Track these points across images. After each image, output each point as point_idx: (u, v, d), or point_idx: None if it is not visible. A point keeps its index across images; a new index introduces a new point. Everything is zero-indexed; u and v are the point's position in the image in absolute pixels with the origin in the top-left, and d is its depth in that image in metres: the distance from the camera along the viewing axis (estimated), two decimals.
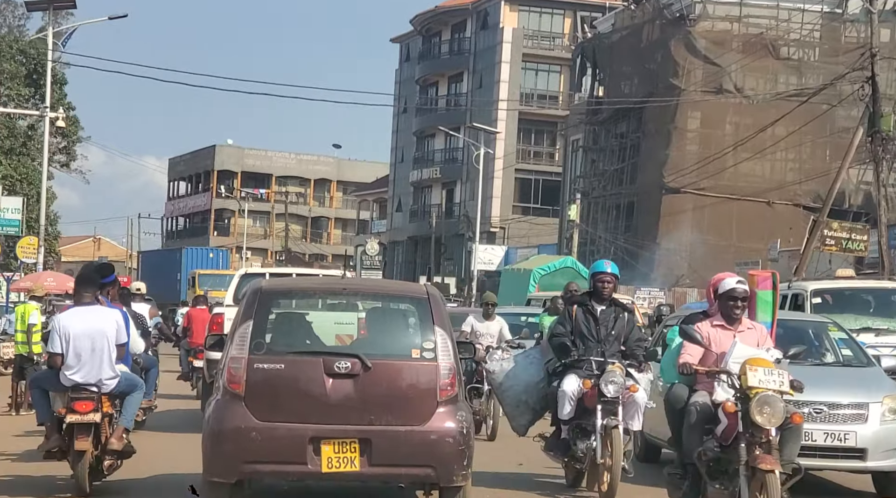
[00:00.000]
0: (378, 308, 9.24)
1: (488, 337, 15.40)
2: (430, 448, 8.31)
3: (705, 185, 39.81)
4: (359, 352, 8.47)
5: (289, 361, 8.40)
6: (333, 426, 8.25)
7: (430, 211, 65.81)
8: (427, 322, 8.57)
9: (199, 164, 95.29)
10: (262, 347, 8.37)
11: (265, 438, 8.20)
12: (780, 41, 41.56)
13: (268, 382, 8.28)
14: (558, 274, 34.41)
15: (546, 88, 64.44)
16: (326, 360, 8.34)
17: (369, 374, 8.30)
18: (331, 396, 8.27)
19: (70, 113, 48.30)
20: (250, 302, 8.61)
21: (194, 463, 8.81)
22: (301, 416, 8.25)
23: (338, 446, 8.22)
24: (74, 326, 9.74)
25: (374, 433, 8.25)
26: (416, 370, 8.43)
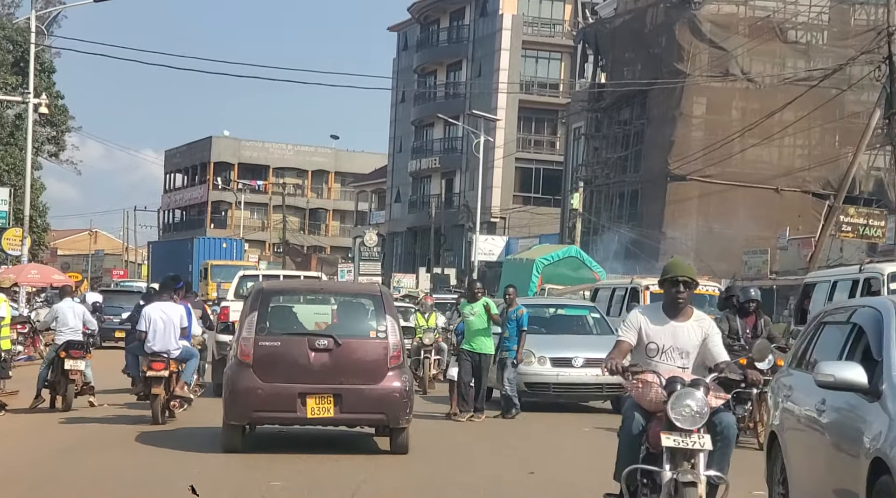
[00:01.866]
0: (345, 302, 13.26)
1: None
2: (382, 400, 11.84)
3: (711, 172, 39.08)
4: (332, 333, 12.17)
5: (283, 339, 12.09)
6: (315, 385, 11.81)
7: (430, 201, 65.18)
8: (380, 312, 12.22)
9: (196, 156, 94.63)
10: (264, 330, 12.02)
11: (267, 394, 11.80)
12: (787, 24, 40.67)
13: (268, 354, 11.94)
14: (562, 264, 33.52)
15: (546, 76, 63.59)
16: (310, 339, 12.06)
17: (340, 348, 11.92)
18: (313, 365, 11.87)
19: (58, 102, 47.34)
20: (255, 298, 12.29)
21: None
22: (292, 378, 11.83)
23: (318, 399, 11.79)
24: (154, 314, 14.82)
25: (344, 390, 11.82)
26: (373, 346, 12.06)
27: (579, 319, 19.28)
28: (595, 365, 16.30)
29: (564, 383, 17.25)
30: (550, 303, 22.05)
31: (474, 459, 12.28)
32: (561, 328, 18.82)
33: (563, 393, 17.44)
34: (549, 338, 18.05)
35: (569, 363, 17.18)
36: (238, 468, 11.23)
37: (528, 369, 17.04)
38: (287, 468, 11.17)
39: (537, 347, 17.20)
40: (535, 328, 17.93)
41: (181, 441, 12.96)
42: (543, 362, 17.20)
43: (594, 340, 17.84)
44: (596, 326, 18.83)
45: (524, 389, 17.02)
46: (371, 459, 12.03)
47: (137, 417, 15.15)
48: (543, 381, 17.24)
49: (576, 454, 12.85)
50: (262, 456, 11.94)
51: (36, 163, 47.50)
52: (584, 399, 17.96)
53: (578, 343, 17.81)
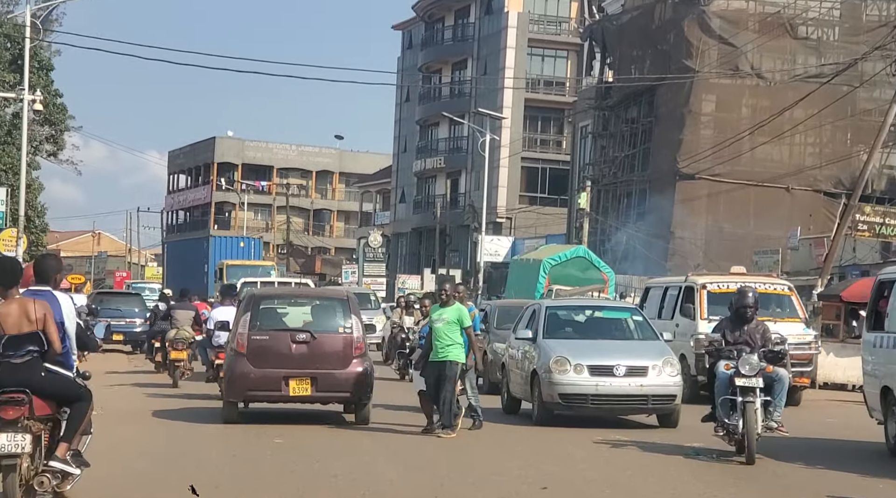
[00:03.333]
0: (320, 304, 16.00)
1: None
2: (349, 381, 14.73)
3: (721, 170, 38.48)
4: (309, 329, 15.12)
5: (270, 334, 15.05)
6: (295, 370, 14.67)
7: (435, 201, 64.72)
8: (347, 312, 15.24)
9: (199, 157, 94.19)
10: (255, 327, 15.00)
11: (258, 377, 14.72)
12: (798, 20, 39.97)
13: (259, 346, 14.87)
14: (570, 264, 32.84)
15: (553, 74, 63.02)
16: (291, 333, 15.04)
17: (315, 341, 14.85)
18: (294, 354, 14.79)
19: (57, 100, 46.69)
20: (248, 302, 15.56)
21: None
22: (278, 364, 14.73)
23: (298, 381, 14.68)
24: (218, 315, 18.88)
25: (318, 374, 14.69)
26: (341, 339, 15.02)
27: (619, 321, 17.29)
28: (639, 374, 15.28)
29: (604, 395, 15.25)
30: (586, 304, 19.77)
31: (484, 474, 11.58)
32: (599, 332, 16.84)
33: (602, 405, 15.41)
34: (586, 343, 16.19)
35: (609, 372, 15.27)
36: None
37: (563, 379, 15.24)
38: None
39: (572, 354, 15.46)
40: (569, 333, 16.67)
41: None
42: (580, 371, 15.27)
43: (637, 346, 16.26)
44: (638, 330, 16.89)
45: (558, 401, 15.27)
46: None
47: (129, 425, 14.55)
48: (580, 392, 15.22)
49: (591, 466, 12.11)
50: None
51: (34, 162, 46.87)
52: (627, 412, 15.97)
53: (619, 349, 15.97)
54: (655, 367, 15.35)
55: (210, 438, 13.65)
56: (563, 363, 15.25)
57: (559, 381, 15.21)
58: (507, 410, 17.28)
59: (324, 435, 14.24)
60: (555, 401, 15.27)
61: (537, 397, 15.62)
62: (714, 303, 19.63)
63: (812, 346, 20.20)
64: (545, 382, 15.34)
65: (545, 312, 16.79)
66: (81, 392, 8.64)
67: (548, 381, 15.30)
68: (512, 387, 17.15)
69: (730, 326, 12.70)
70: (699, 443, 13.30)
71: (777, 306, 20.61)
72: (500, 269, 48.84)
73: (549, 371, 15.27)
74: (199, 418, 15.51)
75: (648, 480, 11.16)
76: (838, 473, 11.78)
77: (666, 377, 15.34)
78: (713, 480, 11.22)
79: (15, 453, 8.11)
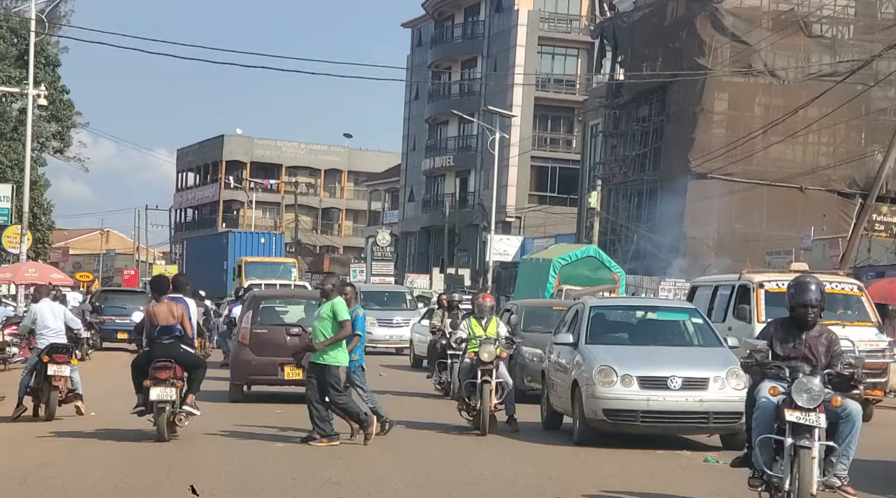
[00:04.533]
0: (310, 304, 17.31)
1: None
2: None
3: (733, 170, 38.03)
4: (301, 324, 17.02)
5: (269, 328, 17.71)
6: (290, 358, 15.52)
7: (444, 200, 64.39)
8: None
9: (208, 155, 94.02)
10: (256, 322, 17.74)
11: (258, 364, 17.39)
12: (811, 17, 39.51)
13: (259, 338, 17.57)
14: (580, 264, 32.43)
15: (563, 72, 62.60)
16: (287, 328, 17.59)
17: (307, 334, 15.05)
18: (289, 345, 16.68)
19: (63, 96, 46.39)
20: (250, 301, 18.30)
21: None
22: (275, 353, 17.04)
23: (292, 368, 16.43)
24: (237, 313, 20.84)
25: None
26: None
27: (675, 324, 14.93)
28: (698, 386, 13.14)
29: (657, 411, 13.03)
30: (638, 303, 17.54)
31: (494, 482, 11.16)
32: (652, 337, 14.58)
33: (654, 424, 13.15)
34: (636, 350, 14.01)
35: (663, 384, 13.09)
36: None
37: (608, 392, 13.10)
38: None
39: (620, 363, 13.29)
40: (616, 337, 14.54)
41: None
42: (628, 383, 13.08)
43: (696, 354, 14.04)
44: (698, 335, 14.59)
45: (602, 418, 13.17)
46: None
47: (126, 429, 14.15)
48: (628, 408, 13.04)
49: (603, 473, 11.67)
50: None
51: (40, 159, 46.57)
52: (684, 431, 13.67)
53: (675, 357, 13.74)
54: (718, 378, 13.18)
55: (210, 443, 13.30)
56: (608, 373, 13.14)
57: (604, 394, 13.08)
58: (548, 425, 15.25)
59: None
60: (598, 417, 13.18)
61: (579, 412, 13.55)
62: (773, 304, 17.41)
63: (886, 353, 17.95)
64: (587, 396, 13.22)
65: (589, 313, 14.56)
66: (201, 362, 13.71)
67: (590, 394, 13.17)
68: (552, 399, 15.00)
69: (781, 332, 9.01)
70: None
71: (845, 308, 18.45)
72: (510, 268, 48.48)
73: (592, 383, 13.16)
74: (200, 422, 14.99)
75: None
76: None
77: (730, 391, 13.02)
78: None
79: (166, 400, 12.83)
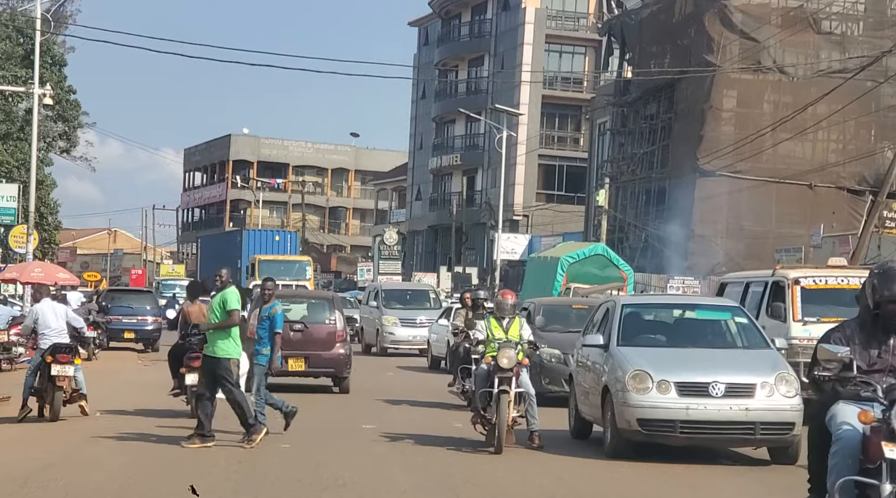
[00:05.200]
0: (312, 303, 20.68)
1: None
2: (332, 360, 19.51)
3: (742, 167, 37.80)
4: (304, 321, 19.56)
5: None
6: (293, 351, 18.23)
7: (451, 199, 64.23)
8: (332, 309, 20.11)
9: (215, 155, 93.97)
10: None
11: None
12: (821, 14, 39.33)
13: None
14: (588, 262, 32.22)
15: (570, 70, 62.37)
16: (290, 324, 18.20)
17: (308, 330, 19.37)
18: (292, 339, 18.24)
19: (70, 96, 46.30)
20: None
21: None
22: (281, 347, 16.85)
23: (295, 360, 18.74)
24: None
25: (310, 354, 19.20)
26: (327, 328, 19.72)
27: (716, 324, 13.60)
28: (743, 393, 11.83)
29: (697, 421, 11.76)
30: (675, 301, 16.06)
31: (504, 486, 10.95)
32: (690, 339, 13.22)
33: (695, 435, 11.87)
34: (673, 353, 12.73)
35: (704, 391, 11.78)
36: None
37: (643, 399, 11.84)
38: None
39: (655, 367, 12.06)
40: (650, 339, 13.29)
41: None
42: (665, 389, 11.84)
43: (741, 357, 12.68)
44: (742, 336, 13.20)
45: (636, 428, 11.94)
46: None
47: (131, 430, 14.05)
48: (665, 417, 11.78)
49: (636, 489, 11.21)
50: None
51: (47, 159, 46.48)
52: (728, 444, 12.48)
53: (718, 361, 12.41)
54: (766, 384, 11.86)
55: (215, 443, 13.09)
56: (643, 379, 11.91)
57: (638, 402, 11.84)
58: (576, 434, 14.01)
59: (334, 441, 13.63)
60: (632, 427, 11.90)
61: (610, 422, 12.28)
62: (810, 301, 16.47)
63: None
64: (619, 403, 11.99)
65: (621, 312, 13.25)
66: None
67: (623, 401, 11.94)
68: (581, 406, 13.76)
69: (861, 335, 7.08)
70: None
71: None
72: (517, 267, 48.29)
73: (626, 389, 11.94)
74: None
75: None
76: None
77: (780, 398, 11.80)
78: None
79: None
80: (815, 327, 15.62)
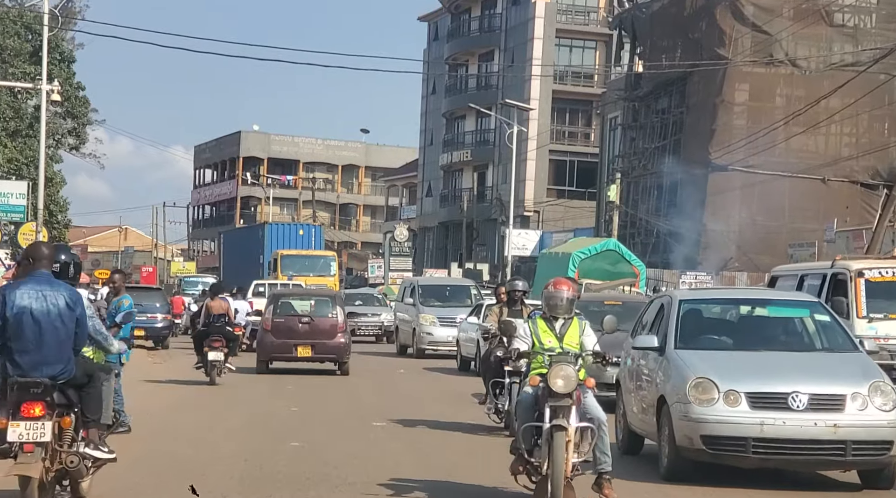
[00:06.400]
0: (317, 300, 24.36)
1: None
2: (335, 348, 22.93)
3: (754, 161, 37.46)
4: (311, 315, 23.29)
5: (286, 318, 23.28)
6: (301, 340, 22.80)
7: (462, 195, 64.02)
8: (335, 304, 23.79)
9: (225, 152, 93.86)
10: (276, 313, 23.37)
11: (278, 345, 22.98)
12: (833, 7, 39.09)
13: (278, 326, 23.09)
14: (600, 257, 32.06)
15: (581, 65, 62.08)
16: (299, 317, 23.22)
17: (314, 322, 23.00)
18: (301, 330, 22.94)
19: (79, 93, 46.20)
20: (272, 298, 24.75)
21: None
22: (290, 337, 22.84)
23: (303, 348, 22.78)
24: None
25: (316, 343, 22.85)
26: (331, 321, 23.16)
27: (792, 323, 11.74)
28: (830, 406, 10.02)
29: (774, 439, 9.94)
30: (743, 295, 13.67)
31: (519, 486, 10.74)
32: (762, 340, 11.29)
33: (771, 455, 10.03)
34: (743, 357, 10.81)
35: (782, 403, 9.98)
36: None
37: (707, 412, 10.05)
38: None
39: (722, 374, 10.22)
40: (714, 340, 11.38)
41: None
42: (734, 401, 10.04)
43: (825, 362, 10.87)
44: (824, 336, 11.40)
45: (699, 447, 10.08)
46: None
47: (136, 426, 13.86)
48: (736, 434, 9.98)
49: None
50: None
51: (56, 156, 46.38)
52: (811, 466, 10.52)
53: (797, 367, 10.55)
54: (857, 396, 10.04)
55: (223, 440, 13.02)
56: (707, 389, 10.14)
57: (701, 415, 10.02)
58: (625, 448, 12.10)
59: (345, 438, 13.44)
60: (694, 446, 10.16)
61: (667, 438, 10.50)
62: (875, 296, 15.11)
63: None
64: (679, 416, 10.25)
65: (678, 310, 11.37)
66: (236, 337, 21.74)
67: (683, 414, 10.20)
68: (630, 418, 12.08)
69: None
70: None
71: None
72: (528, 262, 48.08)
73: (686, 400, 10.18)
74: (218, 419, 14.87)
75: None
76: None
77: (875, 412, 9.98)
78: None
79: (217, 360, 19.95)
80: (882, 325, 14.62)
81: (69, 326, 8.25)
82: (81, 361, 8.63)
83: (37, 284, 8.27)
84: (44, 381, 8.12)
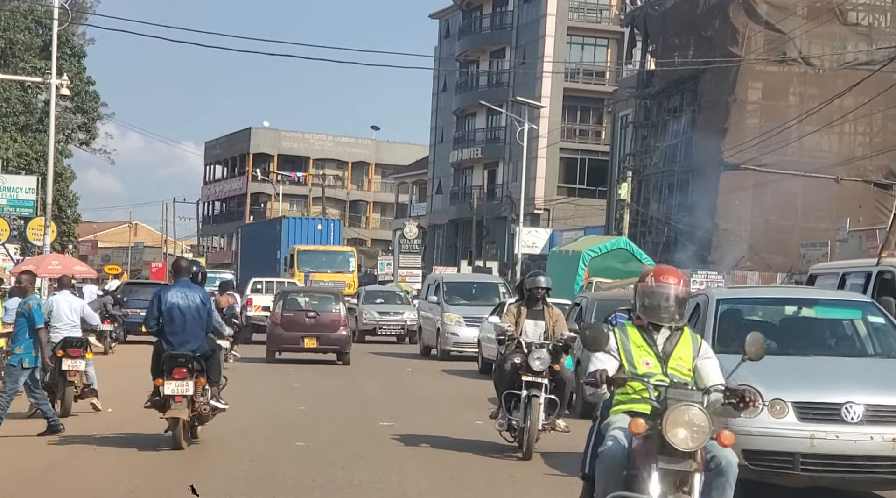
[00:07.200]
0: (322, 296, 27.41)
1: None
2: (337, 340, 25.79)
3: (767, 160, 37.26)
4: (316, 310, 26.11)
5: (293, 312, 26.05)
6: (307, 332, 25.64)
7: (472, 193, 63.85)
8: (338, 301, 26.67)
9: (235, 148, 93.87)
10: (285, 308, 26.23)
11: (286, 337, 25.82)
12: (847, 5, 38.79)
13: (287, 319, 25.87)
14: (610, 256, 31.84)
15: (592, 63, 61.83)
16: (305, 312, 26.04)
17: (319, 317, 25.83)
18: (307, 323, 25.73)
19: (89, 88, 46.12)
20: (280, 295, 27.93)
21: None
22: (297, 329, 25.66)
23: (309, 339, 25.64)
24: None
25: (321, 335, 25.71)
26: (334, 315, 25.95)
27: (842, 325, 10.75)
28: (889, 419, 8.94)
29: (826, 455, 8.90)
30: (786, 294, 12.35)
31: (526, 487, 10.59)
32: (809, 344, 10.27)
33: (822, 473, 8.99)
34: (789, 363, 9.59)
35: (835, 415, 8.92)
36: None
37: (750, 424, 8.75)
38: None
39: (766, 382, 8.60)
40: None
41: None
42: (780, 411, 8.94)
43: (881, 369, 9.86)
44: (877, 341, 10.38)
45: (742, 462, 7.22)
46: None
47: (142, 427, 13.71)
48: (783, 448, 8.91)
49: None
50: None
51: (66, 151, 46.30)
52: (869, 485, 9.50)
53: (850, 374, 9.52)
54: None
55: (228, 440, 12.85)
56: (755, 399, 8.28)
57: (743, 428, 8.58)
58: None
59: (350, 439, 13.26)
60: (739, 462, 8.67)
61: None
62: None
63: None
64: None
65: (716, 309, 10.34)
66: (241, 326, 27.36)
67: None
68: None
69: None
70: None
71: None
72: (538, 261, 47.89)
73: None
74: (224, 417, 14.34)
75: None
76: None
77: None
78: None
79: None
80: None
81: (203, 316, 11.99)
82: (209, 339, 12.27)
83: (180, 287, 12.07)
84: (187, 353, 11.78)
